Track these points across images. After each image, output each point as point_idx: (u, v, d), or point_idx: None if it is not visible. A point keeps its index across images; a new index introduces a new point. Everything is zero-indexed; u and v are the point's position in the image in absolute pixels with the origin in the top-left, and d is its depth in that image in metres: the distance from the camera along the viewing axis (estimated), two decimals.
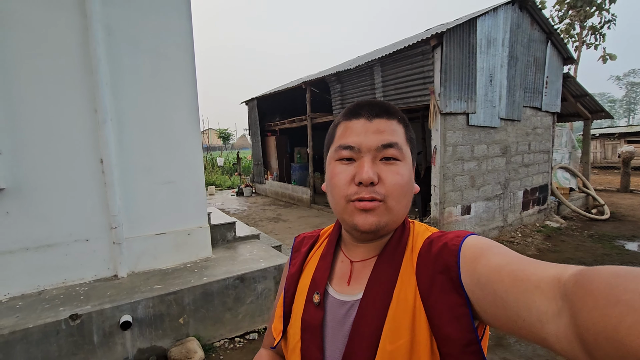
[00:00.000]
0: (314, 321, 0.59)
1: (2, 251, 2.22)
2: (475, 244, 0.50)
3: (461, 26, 4.42)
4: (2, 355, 1.81)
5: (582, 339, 0.31)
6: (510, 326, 0.41)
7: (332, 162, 0.59)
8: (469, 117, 4.74)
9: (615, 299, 0.29)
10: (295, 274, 0.68)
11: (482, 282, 0.44)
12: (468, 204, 4.96)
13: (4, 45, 2.17)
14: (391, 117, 0.57)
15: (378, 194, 0.54)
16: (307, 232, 0.77)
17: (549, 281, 0.37)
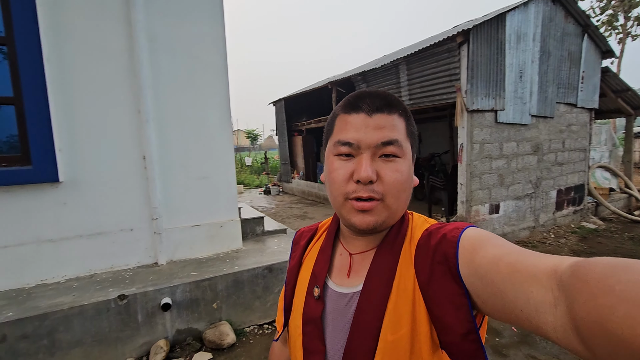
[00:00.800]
0: (314, 314, 0.59)
1: (60, 238, 2.49)
2: (473, 235, 0.50)
3: (489, 22, 4.36)
4: (63, 328, 2.05)
5: (578, 328, 0.32)
6: (508, 316, 0.41)
7: (331, 157, 0.58)
8: (498, 114, 4.65)
9: (608, 289, 0.29)
10: (294, 267, 0.69)
11: (480, 272, 0.45)
12: (497, 203, 4.86)
13: (63, 54, 2.43)
14: (392, 111, 0.56)
15: (376, 193, 0.53)
16: (306, 227, 0.77)
17: (546, 272, 0.37)
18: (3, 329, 1.92)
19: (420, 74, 5.05)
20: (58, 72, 2.42)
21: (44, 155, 2.36)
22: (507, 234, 5.04)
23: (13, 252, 2.36)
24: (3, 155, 2.38)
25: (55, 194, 2.46)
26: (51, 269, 2.48)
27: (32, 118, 2.32)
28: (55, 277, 2.49)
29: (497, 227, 4.91)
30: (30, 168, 2.34)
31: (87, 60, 2.52)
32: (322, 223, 0.75)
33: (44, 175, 2.36)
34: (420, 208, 7.16)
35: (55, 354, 2.04)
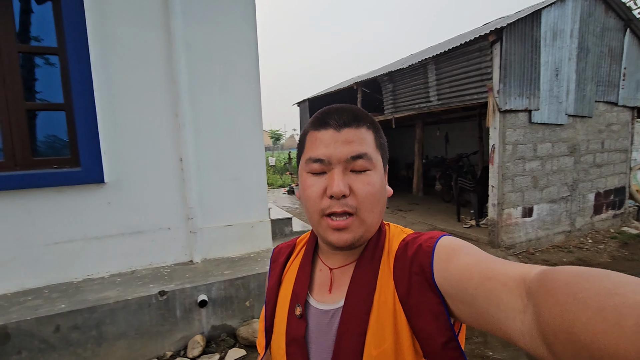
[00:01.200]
0: (297, 334, 0.58)
1: (105, 235, 2.64)
2: (447, 244, 0.51)
3: (523, 20, 4.22)
4: (109, 320, 2.18)
5: (544, 334, 0.33)
6: (480, 322, 0.42)
7: (304, 174, 0.58)
8: (532, 114, 4.50)
9: (572, 297, 0.30)
10: (274, 286, 0.67)
11: (454, 281, 0.46)
12: (530, 206, 4.70)
13: (108, 62, 2.58)
14: (360, 125, 0.56)
15: (350, 207, 0.54)
16: (284, 242, 0.76)
17: (516, 280, 0.38)
18: (57, 319, 2.07)
19: (450, 74, 4.96)
20: (104, 80, 2.56)
21: (91, 157, 2.51)
22: (541, 238, 4.86)
23: (63, 248, 2.53)
24: (55, 158, 2.56)
25: (101, 194, 2.61)
26: (96, 264, 2.63)
27: (81, 123, 2.48)
28: (100, 273, 2.64)
29: (530, 231, 4.74)
30: (79, 170, 2.50)
31: (129, 67, 2.65)
32: (300, 238, 0.74)
33: (91, 176, 2.51)
34: (447, 210, 7.01)
35: (102, 344, 2.17)
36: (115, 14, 2.57)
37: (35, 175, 2.40)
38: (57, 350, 2.07)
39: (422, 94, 5.59)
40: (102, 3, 2.52)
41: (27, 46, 2.47)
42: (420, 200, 8.38)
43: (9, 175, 2.35)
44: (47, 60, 2.57)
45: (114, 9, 2.56)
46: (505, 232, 4.49)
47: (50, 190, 2.46)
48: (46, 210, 2.46)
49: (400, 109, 6.36)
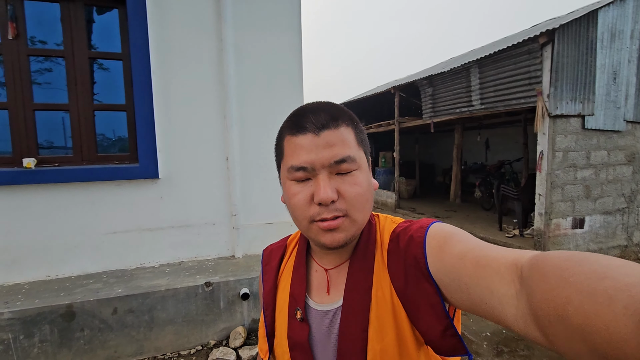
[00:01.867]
0: (300, 337, 0.58)
1: (157, 227, 2.83)
2: (438, 232, 0.51)
3: (577, 20, 4.00)
4: (160, 306, 2.33)
5: (536, 318, 0.33)
6: (475, 309, 0.43)
7: (287, 182, 0.57)
8: (585, 119, 4.23)
9: (564, 281, 0.31)
10: (271, 290, 0.66)
11: (447, 269, 0.46)
12: (581, 217, 4.41)
13: (165, 66, 2.77)
14: (339, 124, 0.54)
15: (340, 211, 0.53)
16: (274, 243, 0.75)
17: (508, 266, 0.38)
18: (115, 302, 2.25)
19: (495, 77, 4.79)
20: (161, 83, 2.76)
21: (148, 155, 2.71)
22: (593, 251, 4.53)
23: (120, 237, 2.73)
24: (116, 154, 2.78)
25: (155, 189, 2.80)
26: (148, 254, 2.82)
27: (140, 123, 2.68)
28: (151, 262, 2.83)
29: (580, 244, 4.44)
30: (137, 166, 2.70)
31: (184, 72, 2.83)
32: (290, 238, 0.73)
33: (147, 172, 2.70)
34: (487, 218, 6.74)
35: (153, 329, 2.33)
36: (174, 22, 2.76)
37: (99, 170, 2.63)
38: (114, 331, 2.24)
39: (464, 98, 5.44)
40: (163, 12, 2.72)
41: (96, 52, 2.72)
42: (457, 208, 8.11)
43: (77, 169, 2.59)
44: (111, 64, 2.81)
45: (173, 18, 2.76)
46: (552, 243, 4.24)
47: (111, 184, 2.68)
48: (107, 202, 2.68)
49: (440, 113, 6.22)
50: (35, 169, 2.49)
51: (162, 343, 2.34)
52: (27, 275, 2.52)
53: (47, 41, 2.63)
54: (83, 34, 2.65)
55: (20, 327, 2.06)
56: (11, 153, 2.57)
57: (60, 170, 2.54)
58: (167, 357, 2.32)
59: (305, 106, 0.57)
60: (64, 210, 2.58)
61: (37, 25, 2.61)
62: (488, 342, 2.70)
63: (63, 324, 2.14)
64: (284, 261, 0.69)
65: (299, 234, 0.69)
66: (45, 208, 2.54)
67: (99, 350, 2.21)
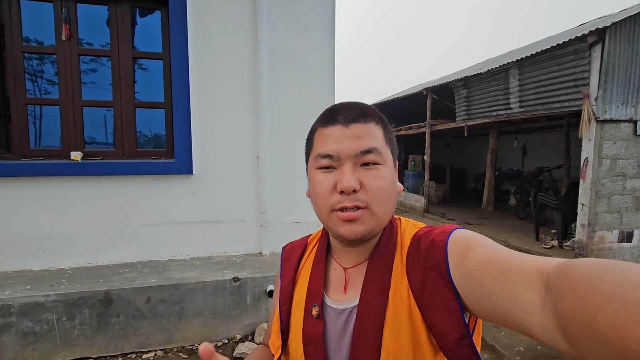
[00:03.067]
0: (315, 333, 0.58)
1: (189, 222, 2.92)
2: (461, 238, 0.50)
3: (632, 18, 3.72)
4: (190, 298, 2.40)
5: (563, 328, 0.32)
6: (498, 318, 0.41)
7: (313, 171, 0.58)
8: (638, 125, 3.92)
9: (593, 290, 0.29)
10: (288, 286, 0.67)
11: (469, 275, 0.45)
12: (629, 230, 4.09)
13: (202, 66, 2.86)
14: (368, 120, 0.56)
15: (361, 202, 0.53)
16: (295, 241, 0.75)
17: (533, 273, 0.37)
18: (148, 291, 2.34)
19: (536, 79, 4.56)
20: (198, 82, 2.85)
21: (183, 151, 2.80)
22: None
23: (154, 230, 2.85)
24: (154, 150, 2.91)
25: (188, 184, 2.89)
26: (180, 247, 2.92)
27: (177, 120, 2.79)
28: (182, 255, 2.93)
29: (628, 259, 4.12)
30: (173, 161, 2.80)
31: (219, 71, 2.91)
32: (311, 237, 0.73)
33: (183, 168, 2.80)
34: (522, 228, 6.42)
35: (183, 319, 2.40)
36: (212, 23, 2.85)
37: (138, 164, 2.75)
38: (147, 319, 2.34)
39: (501, 101, 5.21)
40: (202, 13, 2.81)
41: (139, 52, 2.85)
42: (490, 215, 7.79)
43: (118, 163, 2.72)
44: (152, 63, 2.93)
45: (211, 18, 2.84)
46: (595, 256, 3.96)
47: (148, 178, 2.80)
48: (143, 195, 2.81)
49: (474, 116, 6.00)
50: (81, 161, 2.65)
51: (190, 334, 2.41)
52: (70, 261, 2.69)
53: (95, 42, 2.80)
54: (128, 34, 2.79)
55: (63, 309, 2.20)
56: (60, 146, 2.76)
57: (103, 163, 2.69)
58: (194, 348, 2.39)
59: (338, 103, 0.60)
60: (105, 202, 2.73)
61: (87, 26, 2.78)
62: (521, 357, 2.56)
63: (101, 309, 2.26)
64: (304, 258, 0.70)
65: (320, 233, 0.70)
66: (88, 199, 2.70)
67: (132, 336, 2.31)
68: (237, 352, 2.28)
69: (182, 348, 2.38)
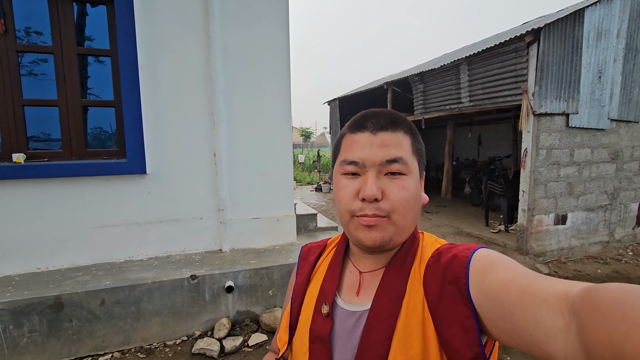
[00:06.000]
0: (322, 332, 0.58)
1: (145, 222, 2.89)
2: (485, 256, 0.50)
3: (564, 19, 4.05)
4: (146, 298, 2.40)
5: (589, 354, 0.31)
6: (517, 340, 0.40)
7: (338, 176, 0.59)
8: (569, 117, 4.31)
9: (622, 315, 0.29)
10: (302, 283, 0.67)
11: (490, 294, 0.44)
12: (563, 213, 4.52)
13: (153, 63, 2.81)
14: (397, 129, 0.56)
15: (382, 211, 0.53)
16: (314, 242, 0.76)
17: (557, 296, 0.36)
18: (102, 294, 2.32)
19: (483, 75, 4.85)
20: (148, 79, 2.79)
21: (136, 150, 2.76)
22: (575, 247, 4.66)
23: (109, 231, 2.79)
24: (105, 150, 2.83)
25: (143, 184, 2.85)
26: (137, 248, 2.88)
27: (128, 118, 2.73)
28: (140, 256, 2.90)
29: (562, 240, 4.56)
30: (125, 161, 2.75)
31: (171, 68, 2.87)
32: (331, 239, 0.74)
33: (135, 167, 2.76)
34: (475, 214, 6.85)
35: (140, 320, 2.40)
36: (161, 19, 2.79)
37: (87, 165, 2.68)
38: (102, 321, 2.32)
39: (454, 95, 5.50)
40: (150, 9, 2.75)
41: (84, 48, 2.75)
42: (448, 203, 8.22)
43: (65, 164, 2.63)
44: (99, 60, 2.84)
45: (160, 14, 2.78)
46: (535, 239, 4.35)
47: (99, 179, 2.73)
48: (96, 196, 2.74)
49: (431, 110, 6.28)
50: (24, 164, 2.54)
51: (148, 333, 2.42)
52: (17, 267, 2.58)
53: (36, 37, 2.66)
54: (71, 30, 2.68)
55: (9, 317, 2.13)
56: (0, 148, 2.62)
57: (50, 165, 2.59)
58: (153, 347, 2.40)
59: (369, 110, 0.60)
60: (54, 205, 2.64)
61: (26, 21, 2.63)
62: None
63: (52, 314, 2.21)
64: (321, 259, 0.70)
65: (340, 237, 0.70)
66: (35, 202, 2.59)
67: (87, 340, 2.29)
68: (195, 349, 2.32)
69: (140, 348, 2.38)
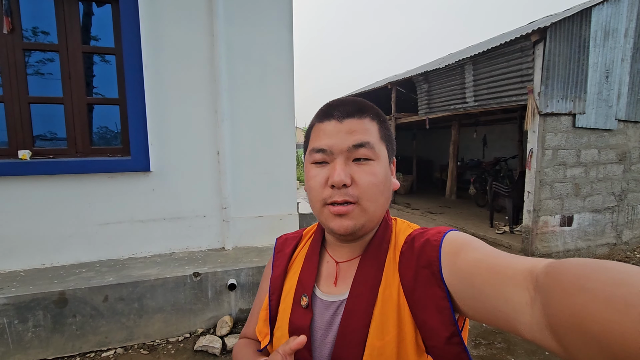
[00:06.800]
0: (302, 323, 0.59)
1: (149, 219, 2.90)
2: (455, 239, 0.51)
3: (570, 18, 4.01)
4: (149, 295, 2.41)
5: (552, 326, 0.32)
6: (488, 317, 0.42)
7: (308, 165, 0.59)
8: (576, 118, 4.27)
9: (580, 288, 0.30)
10: (279, 276, 0.67)
11: (461, 275, 0.46)
12: (569, 215, 4.47)
13: (158, 62, 2.82)
14: (363, 116, 0.57)
15: (351, 196, 0.54)
16: (290, 233, 0.76)
17: (523, 273, 0.38)
18: (106, 290, 2.33)
19: (488, 74, 4.82)
20: (153, 77, 2.81)
21: (140, 148, 2.77)
22: (581, 249, 4.60)
23: (113, 228, 2.81)
24: (109, 147, 2.85)
25: (147, 182, 2.87)
26: (140, 245, 2.90)
27: (132, 116, 2.75)
28: (143, 253, 2.91)
29: (569, 241, 4.51)
30: (129, 159, 2.77)
31: (176, 66, 2.88)
32: (306, 230, 0.74)
33: (139, 165, 2.77)
34: (480, 215, 6.80)
35: (143, 316, 2.41)
36: (166, 17, 2.81)
37: (92, 162, 2.70)
38: (105, 317, 2.33)
39: (458, 95, 5.47)
40: (155, 8, 2.77)
41: (89, 47, 2.77)
42: (452, 204, 8.17)
43: (71, 161, 2.66)
44: (104, 58, 2.86)
45: (165, 13, 2.80)
46: (540, 240, 4.31)
47: (104, 176, 2.75)
48: (100, 193, 2.76)
49: (435, 110, 6.25)
50: (30, 160, 2.57)
51: (151, 330, 2.43)
52: (22, 263, 2.61)
53: (43, 37, 2.69)
54: (77, 28, 2.70)
55: (14, 312, 2.15)
56: (7, 145, 2.65)
57: (55, 162, 2.61)
58: (156, 343, 2.41)
59: (335, 99, 0.61)
60: (59, 201, 2.66)
61: (32, 20, 2.66)
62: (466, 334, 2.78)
63: (56, 310, 2.23)
64: (297, 250, 0.70)
65: (316, 227, 0.71)
66: (40, 199, 2.62)
67: (90, 335, 2.30)
68: (197, 346, 2.33)
69: (143, 344, 2.39)
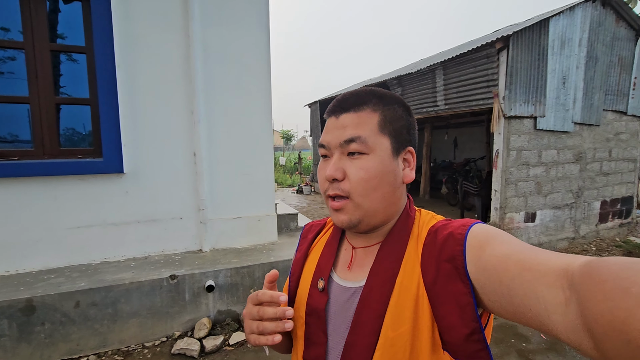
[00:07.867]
0: (318, 305, 0.60)
1: (122, 222, 2.83)
2: (481, 232, 0.49)
3: (530, 28, 4.29)
4: (124, 299, 2.36)
5: (590, 330, 0.31)
6: (517, 315, 0.40)
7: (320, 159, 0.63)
8: (537, 120, 4.56)
9: (624, 291, 0.28)
10: (300, 259, 0.70)
11: (488, 270, 0.44)
12: (533, 211, 4.75)
13: (131, 61, 2.77)
14: (361, 108, 0.56)
15: (342, 191, 0.55)
16: (316, 220, 0.79)
17: (557, 271, 0.36)
18: (77, 296, 2.26)
19: (457, 79, 5.05)
20: (126, 77, 2.76)
21: (112, 149, 2.71)
22: (544, 243, 4.90)
23: (84, 232, 2.72)
24: (80, 149, 2.76)
25: (120, 184, 2.80)
26: (114, 249, 2.82)
27: (104, 117, 2.68)
28: (117, 257, 2.83)
29: (532, 236, 4.79)
30: (101, 160, 2.69)
31: (150, 67, 2.84)
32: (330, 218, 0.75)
33: (112, 166, 2.70)
34: (452, 213, 7.07)
35: (117, 321, 2.35)
36: (139, 17, 2.76)
37: (61, 164, 2.60)
38: (77, 324, 2.25)
39: (430, 98, 5.69)
40: (128, 6, 2.72)
41: (58, 45, 2.68)
42: (426, 203, 8.44)
43: (37, 163, 2.55)
44: (74, 57, 2.77)
45: (138, 12, 2.76)
46: None
47: (74, 178, 2.66)
48: (70, 196, 2.66)
49: None
50: None
51: (126, 335, 2.38)
52: None
53: (2, 32, 2.57)
54: (44, 25, 2.61)
55: None
56: None
57: (20, 164, 2.50)
58: (131, 349, 2.36)
59: (344, 93, 0.61)
60: (25, 205, 2.55)
61: None
62: None
63: (22, 318, 2.13)
64: (320, 236, 0.73)
65: None
66: (4, 203, 2.50)
67: (61, 343, 2.22)
68: (175, 349, 2.30)
69: (117, 350, 2.33)
